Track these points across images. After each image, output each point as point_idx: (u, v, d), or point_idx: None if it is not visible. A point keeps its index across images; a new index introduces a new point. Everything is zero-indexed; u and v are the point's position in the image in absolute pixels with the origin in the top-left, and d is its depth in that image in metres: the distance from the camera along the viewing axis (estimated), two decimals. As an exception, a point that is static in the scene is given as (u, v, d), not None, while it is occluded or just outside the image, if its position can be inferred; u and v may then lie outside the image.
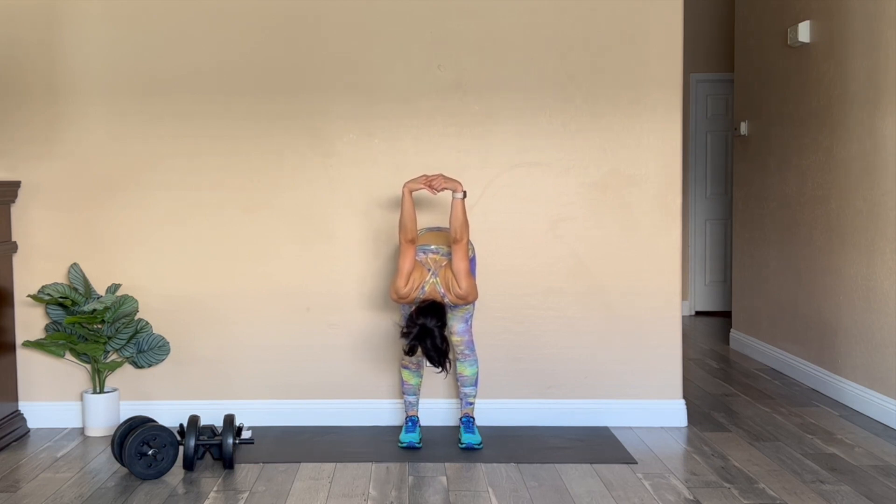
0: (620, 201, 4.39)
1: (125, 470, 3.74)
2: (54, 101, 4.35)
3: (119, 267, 4.39)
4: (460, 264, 3.82)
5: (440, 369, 3.80)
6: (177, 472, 3.70)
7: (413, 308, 3.90)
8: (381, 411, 4.43)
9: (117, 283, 4.37)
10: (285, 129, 4.37)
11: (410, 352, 3.81)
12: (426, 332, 3.74)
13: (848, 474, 3.67)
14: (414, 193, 3.95)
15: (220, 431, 3.78)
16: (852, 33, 4.78)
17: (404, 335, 3.80)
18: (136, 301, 4.28)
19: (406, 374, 4.16)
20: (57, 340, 4.19)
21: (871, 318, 4.59)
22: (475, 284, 3.90)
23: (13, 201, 4.36)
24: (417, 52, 4.36)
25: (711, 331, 7.35)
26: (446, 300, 3.89)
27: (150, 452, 3.62)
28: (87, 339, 4.21)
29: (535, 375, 4.43)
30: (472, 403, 4.15)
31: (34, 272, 4.37)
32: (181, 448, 4.00)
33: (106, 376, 4.30)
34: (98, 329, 4.23)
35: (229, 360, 4.43)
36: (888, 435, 4.26)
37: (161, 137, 4.37)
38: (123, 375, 4.43)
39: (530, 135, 4.38)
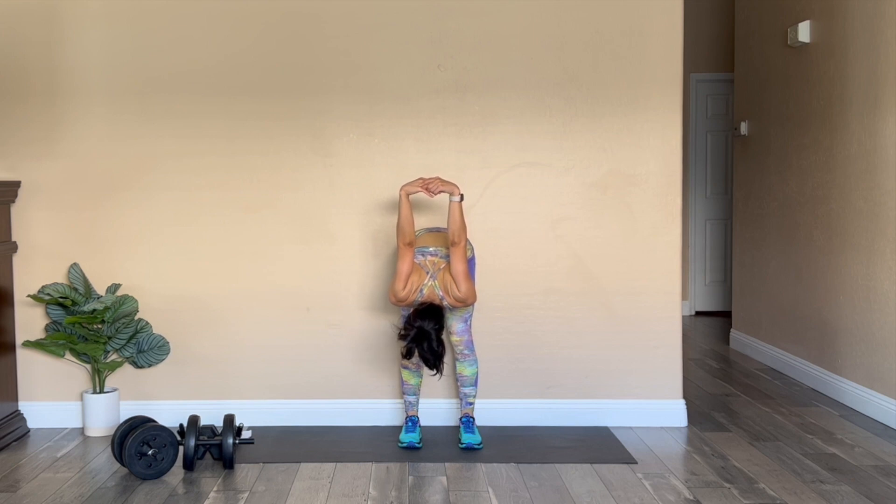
0: (620, 201, 4.39)
1: (125, 470, 3.74)
2: (54, 101, 4.35)
3: (119, 267, 4.39)
4: (458, 266, 3.82)
5: (434, 371, 3.80)
6: (177, 472, 3.70)
7: (411, 310, 3.90)
8: (381, 411, 4.43)
9: (117, 283, 4.37)
10: (285, 130, 4.38)
11: (408, 354, 3.81)
12: (423, 334, 3.74)
13: (848, 474, 3.67)
14: (411, 196, 3.96)
15: (220, 431, 3.78)
16: (852, 33, 4.78)
17: (401, 337, 3.81)
18: (136, 301, 4.28)
19: (406, 374, 4.16)
20: (57, 340, 4.19)
21: (871, 318, 4.59)
22: (474, 287, 3.90)
23: (13, 201, 4.36)
24: (417, 52, 4.36)
25: (711, 331, 7.35)
26: (445, 303, 3.89)
27: (150, 452, 3.62)
28: (87, 339, 4.21)
29: (535, 375, 4.43)
30: (471, 403, 4.15)
31: (34, 272, 4.37)
32: (181, 448, 4.00)
33: (106, 376, 4.30)
34: (98, 329, 4.23)
35: (229, 360, 4.43)
36: (888, 435, 4.26)
37: (161, 137, 4.37)
38: (123, 375, 4.43)
39: (530, 135, 4.38)
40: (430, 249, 3.95)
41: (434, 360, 3.76)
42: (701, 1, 8.10)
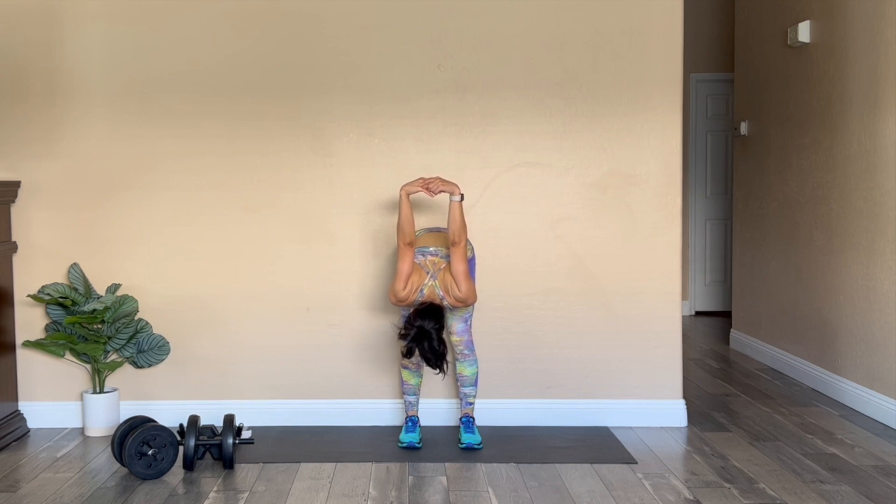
0: (620, 201, 4.39)
1: (125, 470, 3.74)
2: (54, 101, 4.35)
3: (119, 267, 4.39)
4: (459, 266, 3.82)
5: (438, 371, 3.81)
6: (177, 472, 3.70)
7: (412, 310, 3.90)
8: (381, 411, 4.43)
9: (117, 283, 4.37)
10: (286, 129, 4.37)
11: (408, 354, 3.81)
12: (423, 334, 3.74)
13: (848, 474, 3.67)
14: (412, 196, 3.96)
15: (220, 431, 3.79)
16: (852, 33, 4.78)
17: (402, 337, 3.81)
18: (136, 301, 4.28)
19: (406, 374, 4.16)
20: (57, 340, 4.19)
21: (871, 318, 4.59)
22: (474, 287, 3.90)
23: (13, 201, 4.36)
24: (417, 52, 4.36)
25: (711, 331, 7.35)
26: (445, 303, 3.89)
27: (150, 452, 3.62)
28: (87, 339, 4.21)
29: (535, 375, 4.43)
30: (471, 403, 4.15)
31: (34, 272, 4.37)
32: (181, 448, 4.00)
33: (106, 376, 4.30)
34: (98, 329, 4.23)
35: (229, 360, 4.43)
36: (888, 435, 4.26)
37: (161, 137, 4.37)
38: (123, 375, 4.43)
39: (530, 135, 4.38)
40: (431, 249, 3.95)
41: (435, 359, 3.76)
42: (701, 1, 8.10)
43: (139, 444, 3.60)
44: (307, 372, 4.44)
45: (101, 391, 4.29)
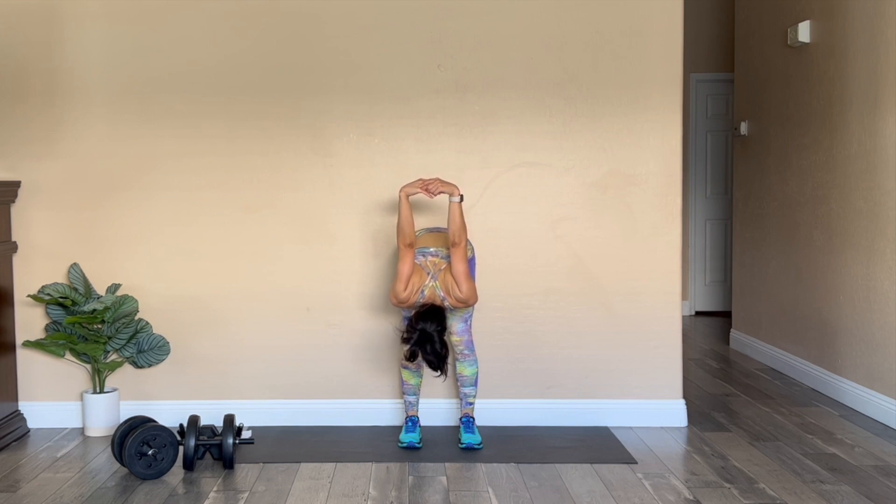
0: (620, 201, 4.39)
1: (125, 470, 3.74)
2: (54, 101, 4.35)
3: (119, 267, 4.39)
4: (459, 267, 3.82)
5: (438, 373, 3.80)
6: (177, 472, 3.70)
7: (413, 312, 3.89)
8: (381, 411, 4.43)
9: (117, 283, 4.37)
10: (286, 129, 4.38)
11: (411, 357, 3.80)
12: (426, 337, 3.73)
13: (848, 474, 3.67)
14: (411, 197, 3.96)
15: (220, 431, 3.79)
16: (852, 33, 4.78)
17: (405, 341, 3.80)
18: (136, 301, 4.28)
19: (406, 374, 4.16)
20: (57, 340, 4.19)
21: (871, 318, 4.59)
22: (475, 287, 3.90)
23: (13, 201, 4.36)
24: (417, 52, 4.36)
25: (711, 331, 7.35)
26: (446, 304, 3.89)
27: (150, 452, 3.62)
28: (87, 339, 4.21)
29: (535, 375, 4.43)
30: (471, 403, 4.15)
31: (34, 272, 4.37)
32: (181, 448, 4.00)
33: (106, 376, 4.30)
34: (98, 329, 4.23)
35: (229, 360, 4.43)
36: (888, 435, 4.26)
37: (161, 137, 4.37)
38: (123, 375, 4.43)
39: (530, 135, 4.38)
40: (431, 250, 3.95)
41: (438, 361, 3.76)
42: (701, 1, 8.10)
43: (139, 444, 3.60)
44: (307, 372, 4.44)
45: (101, 391, 4.29)
